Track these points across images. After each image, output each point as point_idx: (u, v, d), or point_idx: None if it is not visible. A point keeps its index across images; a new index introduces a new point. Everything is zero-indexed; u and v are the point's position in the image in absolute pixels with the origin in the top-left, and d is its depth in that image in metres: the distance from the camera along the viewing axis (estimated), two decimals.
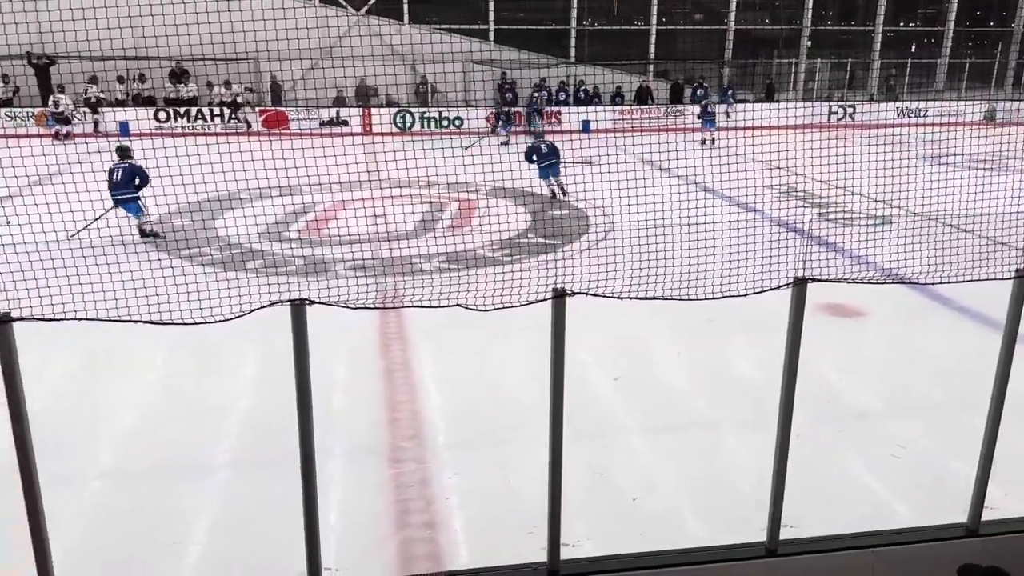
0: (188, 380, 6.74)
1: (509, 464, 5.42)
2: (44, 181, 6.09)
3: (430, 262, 9.75)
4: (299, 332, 3.29)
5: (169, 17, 6.32)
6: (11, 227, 4.66)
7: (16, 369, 2.92)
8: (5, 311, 2.88)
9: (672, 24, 26.60)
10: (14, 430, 3.00)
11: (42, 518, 3.15)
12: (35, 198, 5.34)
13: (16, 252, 4.62)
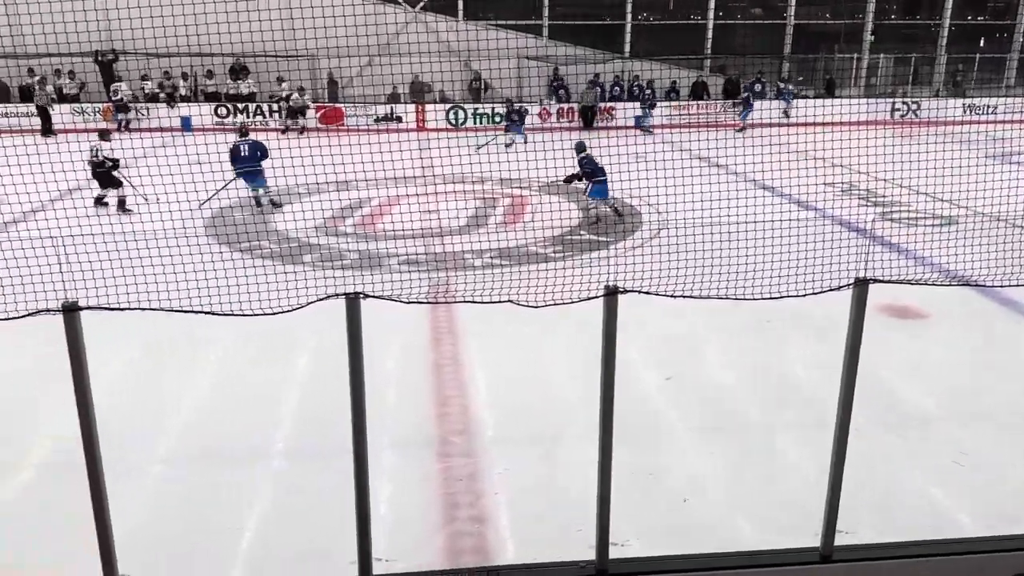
0: (246, 370, 6.89)
1: (557, 461, 5.42)
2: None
3: (481, 258, 9.78)
4: (353, 325, 3.33)
5: (232, 15, 6.44)
6: (149, 203, 4.78)
7: (83, 357, 3.02)
8: (73, 300, 2.98)
9: (730, 19, 26.16)
10: (80, 416, 3.11)
11: (105, 502, 3.26)
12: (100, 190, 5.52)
13: (84, 243, 4.78)
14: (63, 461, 5.13)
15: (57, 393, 5.83)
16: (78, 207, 5.22)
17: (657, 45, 25.65)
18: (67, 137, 19.27)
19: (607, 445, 3.46)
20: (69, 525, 4.36)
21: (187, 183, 5.02)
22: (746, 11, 26.99)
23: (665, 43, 25.69)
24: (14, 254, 4.90)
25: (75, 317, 2.96)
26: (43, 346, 5.88)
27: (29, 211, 10.11)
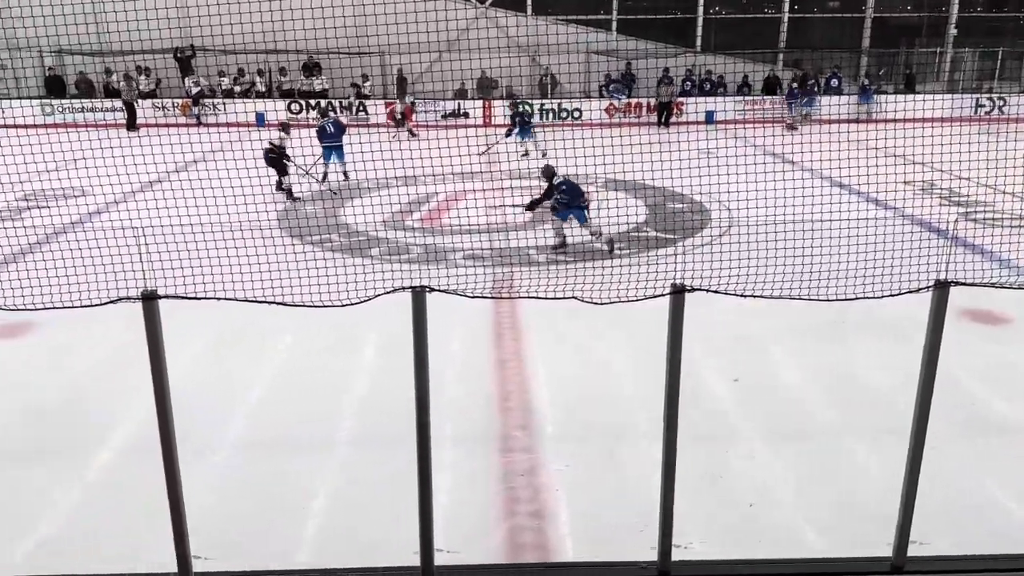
0: (313, 360, 7.04)
1: (619, 460, 5.37)
2: (187, 167, 6.47)
3: (543, 253, 9.77)
4: (419, 318, 3.37)
5: (306, 12, 6.57)
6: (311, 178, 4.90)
7: (160, 343, 3.14)
8: (152, 289, 3.09)
9: (805, 12, 25.45)
10: (156, 400, 3.23)
11: (179, 485, 3.37)
12: (180, 183, 5.72)
13: (163, 234, 4.96)
14: (139, 444, 5.36)
15: (135, 378, 6.07)
16: (158, 199, 5.40)
17: (729, 39, 25.16)
18: (147, 131, 20.05)
19: (671, 445, 3.42)
20: (144, 505, 4.54)
21: (263, 176, 5.14)
22: (823, 4, 26.21)
23: (737, 37, 25.18)
24: (97, 244, 5.11)
25: (153, 305, 3.07)
26: (123, 333, 6.15)
27: (112, 202, 10.54)
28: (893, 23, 26.25)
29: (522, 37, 20.96)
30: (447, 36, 19.65)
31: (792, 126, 19.11)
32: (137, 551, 4.34)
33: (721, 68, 23.54)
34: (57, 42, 20.58)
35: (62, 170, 6.54)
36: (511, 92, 22.78)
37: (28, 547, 4.48)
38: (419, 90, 22.57)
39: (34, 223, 10.27)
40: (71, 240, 5.34)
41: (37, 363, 6.89)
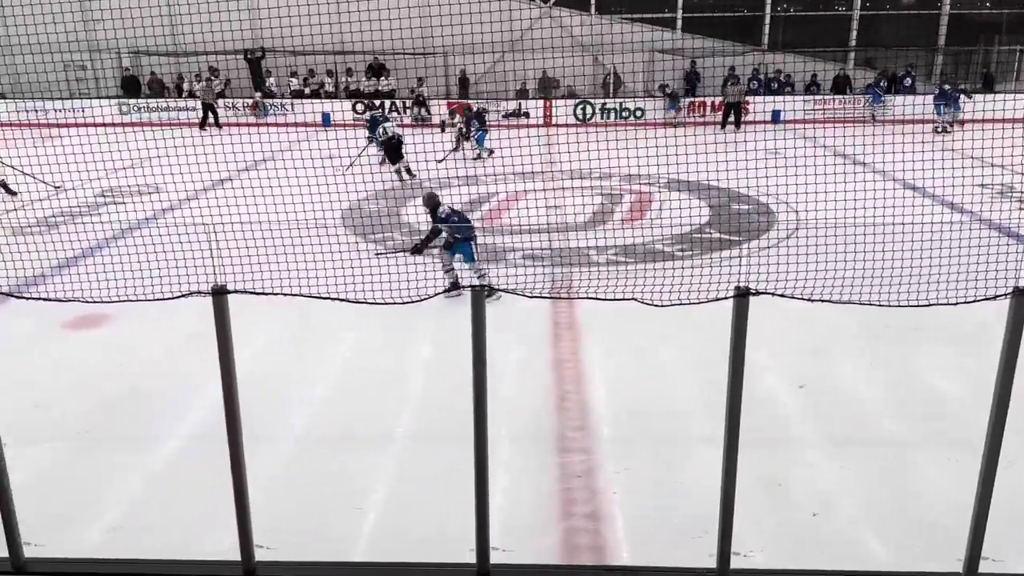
0: (373, 356, 7.14)
1: (677, 464, 5.30)
2: (256, 166, 6.62)
3: (603, 254, 9.71)
4: (478, 316, 3.38)
5: (373, 14, 6.67)
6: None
7: (229, 337, 3.22)
8: (222, 284, 3.18)
9: (877, 9, 24.70)
10: (224, 392, 3.32)
11: (244, 475, 3.46)
12: (248, 182, 5.87)
13: (233, 230, 5.09)
14: (205, 434, 5.52)
15: (203, 370, 6.25)
16: (228, 196, 5.56)
17: (797, 37, 24.59)
18: (217, 130, 20.64)
19: (732, 451, 3.36)
20: (208, 494, 4.67)
21: (328, 176, 5.26)
22: (896, 1, 25.40)
23: (806, 35, 24.59)
24: (171, 239, 5.29)
25: (223, 300, 3.16)
26: (193, 325, 6.35)
27: (184, 199, 10.89)
28: (971, 20, 25.27)
29: (585, 36, 20.85)
30: (511, 36, 19.72)
31: (945, 129, 18.53)
32: (200, 538, 4.47)
33: (789, 67, 23.03)
34: (134, 44, 21.41)
35: (137, 167, 6.77)
36: (572, 91, 22.72)
37: (101, 530, 4.65)
38: (480, 90, 22.70)
39: (111, 218, 10.67)
40: (146, 235, 5.54)
41: (111, 353, 7.16)
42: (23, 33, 7.10)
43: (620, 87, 22.78)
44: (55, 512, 4.67)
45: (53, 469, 5.30)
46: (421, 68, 21.92)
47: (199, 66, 22.65)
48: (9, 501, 3.51)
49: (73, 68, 21.91)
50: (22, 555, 3.56)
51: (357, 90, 23.01)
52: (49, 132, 9.03)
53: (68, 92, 21.50)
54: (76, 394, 6.34)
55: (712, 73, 22.33)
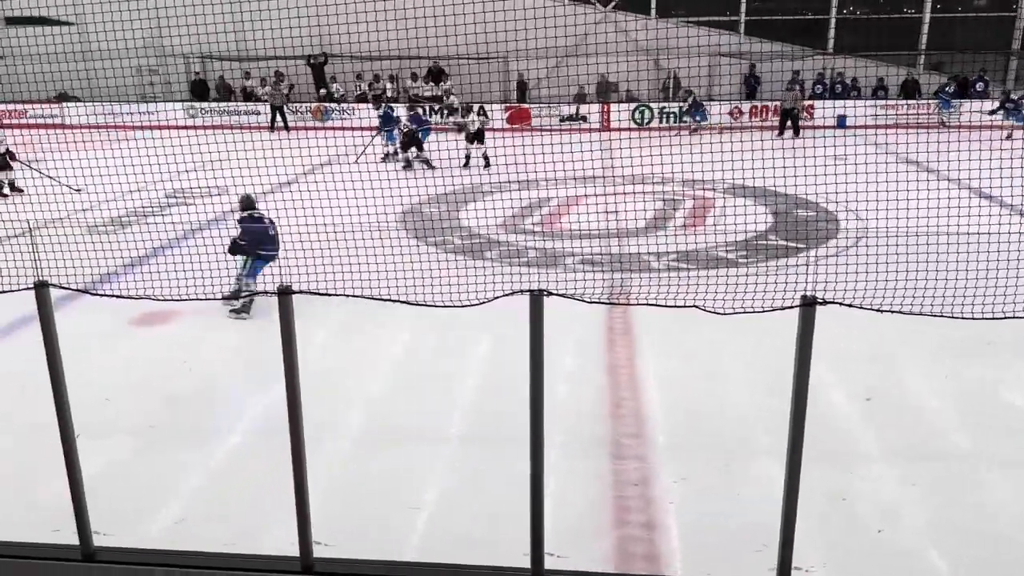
0: (430, 357, 7.19)
1: (735, 474, 5.20)
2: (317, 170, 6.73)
3: (661, 260, 9.60)
4: (536, 321, 3.37)
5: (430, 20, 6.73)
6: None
7: (293, 336, 3.28)
8: (287, 284, 3.23)
9: (948, 11, 23.90)
10: (287, 389, 3.37)
11: (304, 471, 3.51)
12: (309, 185, 5.97)
13: (298, 233, 5.19)
14: (265, 429, 5.63)
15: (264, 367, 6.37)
16: (290, 199, 5.67)
17: (863, 40, 23.95)
18: (279, 134, 21.07)
19: (795, 462, 3.27)
20: (266, 489, 4.77)
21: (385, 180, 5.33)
22: (967, 3, 24.53)
23: (872, 38, 23.93)
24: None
25: (288, 300, 3.21)
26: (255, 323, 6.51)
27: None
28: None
29: (644, 41, 20.66)
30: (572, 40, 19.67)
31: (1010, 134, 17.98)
32: (259, 532, 4.56)
33: (854, 71, 22.44)
34: (202, 49, 22.07)
35: (204, 169, 6.96)
36: (631, 95, 22.56)
37: (165, 522, 4.79)
38: (537, 95, 22.71)
39: (179, 219, 10.99)
40: (212, 236, 5.68)
41: (177, 350, 7.37)
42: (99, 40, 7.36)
43: (679, 91, 22.53)
44: (122, 504, 4.81)
45: (121, 462, 5.47)
46: (484, 73, 21.96)
47: (267, 71, 23.17)
48: (81, 492, 3.63)
49: (147, 72, 22.69)
50: (92, 544, 3.68)
51: (417, 95, 23.25)
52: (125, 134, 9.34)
53: (139, 96, 22.28)
54: (143, 389, 6.54)
55: (771, 78, 21.91)
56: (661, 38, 20.52)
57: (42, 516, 4.55)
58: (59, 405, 3.51)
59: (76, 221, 9.78)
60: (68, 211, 5.99)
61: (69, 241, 5.79)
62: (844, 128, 20.47)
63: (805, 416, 3.26)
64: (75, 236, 6.00)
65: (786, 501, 3.37)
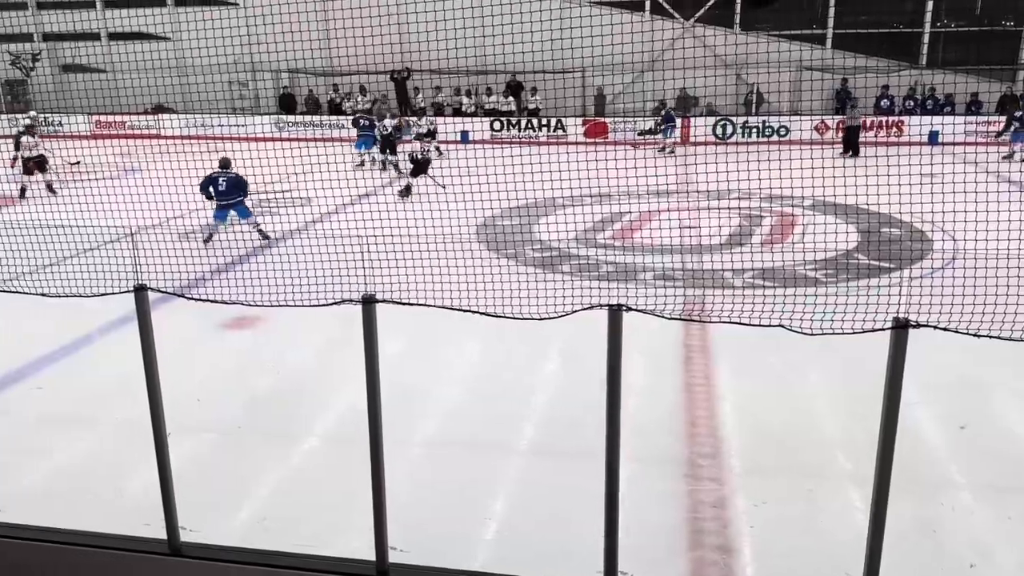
0: (504, 368, 7.22)
1: (818, 501, 5.04)
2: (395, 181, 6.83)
3: (740, 277, 9.41)
4: (614, 336, 3.35)
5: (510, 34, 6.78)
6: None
7: (375, 344, 3.35)
8: (371, 293, 3.31)
9: None
10: (368, 396, 3.44)
11: (382, 476, 3.57)
12: (387, 198, 6.09)
13: (380, 244, 5.30)
14: (342, 434, 5.75)
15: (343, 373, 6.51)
16: (374, 208, 5.80)
17: (958, 54, 23.01)
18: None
19: (883, 492, 3.15)
20: (341, 492, 4.86)
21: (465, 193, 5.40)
22: None
23: (968, 51, 22.96)
24: (322, 248, 5.56)
25: (372, 308, 3.28)
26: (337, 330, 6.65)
27: (330, 212, 11.44)
28: None
29: (729, 55, 20.34)
30: (652, 53, 19.58)
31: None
32: (334, 534, 4.65)
33: (948, 86, 21.56)
34: (291, 64, 22.83)
35: (290, 181, 7.17)
36: (712, 109, 22.25)
37: (246, 520, 4.93)
38: (616, 109, 22.63)
39: (266, 228, 11.35)
40: (298, 244, 5.86)
41: (262, 354, 7.61)
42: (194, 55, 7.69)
43: (762, 105, 22.10)
44: (207, 500, 4.98)
45: (207, 460, 5.68)
46: (561, 88, 22.05)
47: (351, 86, 23.77)
48: (170, 488, 3.78)
49: (238, 86, 23.62)
50: (179, 539, 3.82)
51: (494, 109, 23.48)
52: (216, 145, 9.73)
53: (231, 108, 23.20)
54: (230, 390, 6.78)
55: (864, 93, 21.24)
56: (743, 52, 20.16)
57: (133, 510, 4.75)
58: (153, 403, 3.67)
59: (170, 227, 10.24)
60: (163, 218, 6.26)
61: (163, 246, 6.06)
62: (936, 144, 19.68)
63: (895, 443, 3.13)
64: (169, 242, 6.27)
65: (872, 531, 3.25)
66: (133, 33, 24.02)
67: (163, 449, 3.72)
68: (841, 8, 22.65)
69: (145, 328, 3.60)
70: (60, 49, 25.96)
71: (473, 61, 21.17)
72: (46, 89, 25.55)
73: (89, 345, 7.82)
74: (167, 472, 3.75)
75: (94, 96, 21.24)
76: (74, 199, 6.53)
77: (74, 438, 6.17)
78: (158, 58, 18.67)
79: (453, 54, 6.83)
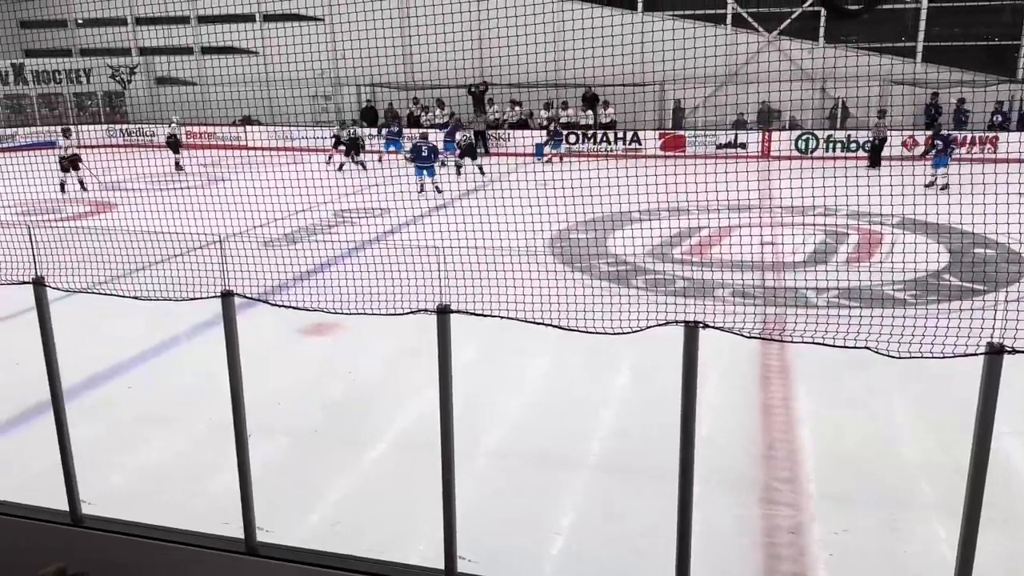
0: (575, 382, 7.18)
1: (901, 531, 4.83)
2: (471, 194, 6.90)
3: (823, 296, 9.12)
4: (690, 354, 3.29)
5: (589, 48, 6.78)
6: None
7: (449, 353, 3.38)
8: (446, 304, 3.34)
9: None
10: (441, 405, 3.48)
11: (453, 485, 3.60)
12: (464, 209, 6.15)
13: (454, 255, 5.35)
14: (413, 441, 5.82)
15: (414, 382, 6.59)
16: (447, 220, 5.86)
17: None
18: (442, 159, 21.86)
19: (972, 524, 2.99)
20: (410, 499, 4.91)
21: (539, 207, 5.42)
22: None
23: None
24: (398, 259, 5.66)
25: (446, 319, 3.32)
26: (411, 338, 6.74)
27: (405, 223, 11.65)
28: None
29: (810, 69, 19.84)
30: (732, 66, 19.28)
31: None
32: (401, 540, 4.69)
33: None
34: (372, 78, 23.38)
35: (368, 192, 7.32)
36: (794, 122, 21.74)
37: (315, 523, 5.03)
38: (693, 122, 22.34)
39: (344, 237, 11.63)
40: (376, 254, 5.97)
41: (339, 360, 7.78)
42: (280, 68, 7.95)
43: (847, 119, 21.46)
44: (282, 502, 5.11)
45: (284, 462, 5.83)
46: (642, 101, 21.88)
47: (430, 98, 24.17)
48: (249, 489, 3.89)
49: (322, 99, 24.30)
50: (255, 538, 3.92)
51: (569, 122, 23.48)
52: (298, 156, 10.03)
53: (314, 121, 23.87)
54: (307, 395, 6.95)
55: (948, 108, 20.39)
56: (829, 67, 19.60)
57: (213, 508, 4.90)
58: (235, 405, 3.78)
59: (253, 236, 10.58)
60: (248, 226, 6.48)
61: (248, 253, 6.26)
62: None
63: (986, 473, 2.98)
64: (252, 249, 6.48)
65: (959, 566, 3.10)
66: (223, 47, 25.04)
67: (243, 450, 3.83)
68: (932, 20, 21.84)
69: (231, 332, 3.72)
70: (155, 63, 27.28)
71: (553, 75, 21.27)
72: (140, 101, 26.89)
73: (176, 347, 8.15)
74: (247, 473, 3.86)
75: (184, 108, 22.22)
76: (165, 207, 6.81)
77: (160, 436, 6.42)
78: (246, 72, 19.42)
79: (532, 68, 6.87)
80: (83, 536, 4.15)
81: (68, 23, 27.73)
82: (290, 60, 18.42)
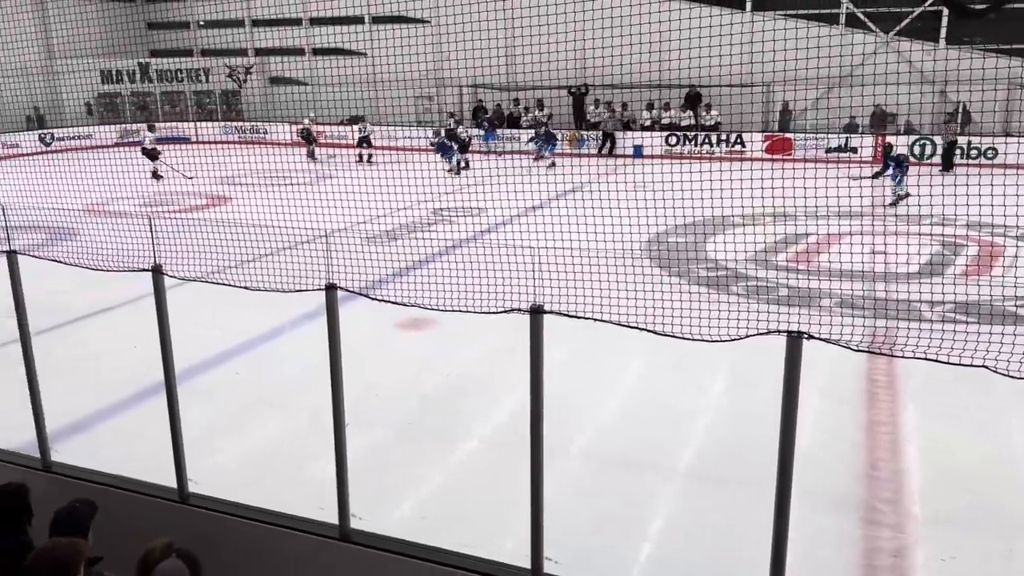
0: (665, 388, 7.07)
1: (1016, 561, 4.52)
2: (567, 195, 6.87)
3: (936, 309, 8.64)
4: (792, 366, 3.18)
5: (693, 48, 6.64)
6: None
7: (541, 354, 3.38)
8: (539, 304, 3.34)
9: None
10: (532, 405, 3.48)
11: (541, 486, 3.60)
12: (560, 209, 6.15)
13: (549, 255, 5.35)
14: (501, 439, 5.85)
15: (506, 380, 6.62)
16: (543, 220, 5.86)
17: None
18: (528, 158, 21.93)
19: None
20: (497, 496, 4.93)
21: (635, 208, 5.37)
22: None
23: None
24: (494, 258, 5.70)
25: (539, 319, 3.32)
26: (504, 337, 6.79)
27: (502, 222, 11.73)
28: None
29: (930, 72, 18.81)
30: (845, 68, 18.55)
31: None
32: (488, 537, 4.71)
33: None
34: (475, 79, 23.67)
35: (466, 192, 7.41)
36: (910, 127, 20.70)
37: (404, 514, 5.13)
38: (800, 125, 21.60)
39: (441, 235, 11.82)
40: (472, 252, 6.04)
41: (433, 355, 7.91)
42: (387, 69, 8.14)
43: (968, 124, 20.27)
44: (375, 491, 5.23)
45: (379, 452, 5.97)
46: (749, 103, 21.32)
47: (531, 100, 24.27)
48: (345, 476, 3.99)
49: (426, 99, 24.79)
50: (349, 525, 4.03)
51: (670, 123, 23.10)
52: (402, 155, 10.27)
53: (417, 121, 24.37)
54: (402, 387, 7.11)
55: None
56: (951, 69, 18.52)
57: (311, 494, 5.06)
58: (335, 394, 3.89)
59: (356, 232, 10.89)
60: (352, 222, 6.67)
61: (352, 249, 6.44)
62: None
63: None
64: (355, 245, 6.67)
65: None
66: (333, 48, 25.88)
67: (341, 439, 3.93)
68: None
69: (333, 324, 3.83)
70: (269, 63, 28.48)
71: (656, 76, 21.01)
72: (255, 100, 28.14)
73: (281, 336, 8.48)
74: (343, 461, 3.96)
75: (296, 107, 23.11)
76: (274, 202, 7.10)
77: (264, 422, 6.70)
78: (356, 72, 20.01)
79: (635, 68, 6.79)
80: (188, 513, 4.36)
81: (191, 24, 29.32)
82: (396, 61, 19.00)
